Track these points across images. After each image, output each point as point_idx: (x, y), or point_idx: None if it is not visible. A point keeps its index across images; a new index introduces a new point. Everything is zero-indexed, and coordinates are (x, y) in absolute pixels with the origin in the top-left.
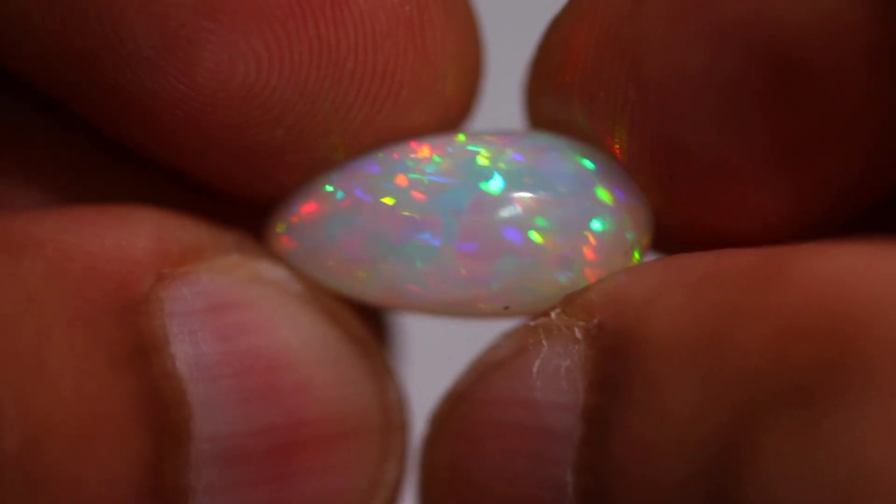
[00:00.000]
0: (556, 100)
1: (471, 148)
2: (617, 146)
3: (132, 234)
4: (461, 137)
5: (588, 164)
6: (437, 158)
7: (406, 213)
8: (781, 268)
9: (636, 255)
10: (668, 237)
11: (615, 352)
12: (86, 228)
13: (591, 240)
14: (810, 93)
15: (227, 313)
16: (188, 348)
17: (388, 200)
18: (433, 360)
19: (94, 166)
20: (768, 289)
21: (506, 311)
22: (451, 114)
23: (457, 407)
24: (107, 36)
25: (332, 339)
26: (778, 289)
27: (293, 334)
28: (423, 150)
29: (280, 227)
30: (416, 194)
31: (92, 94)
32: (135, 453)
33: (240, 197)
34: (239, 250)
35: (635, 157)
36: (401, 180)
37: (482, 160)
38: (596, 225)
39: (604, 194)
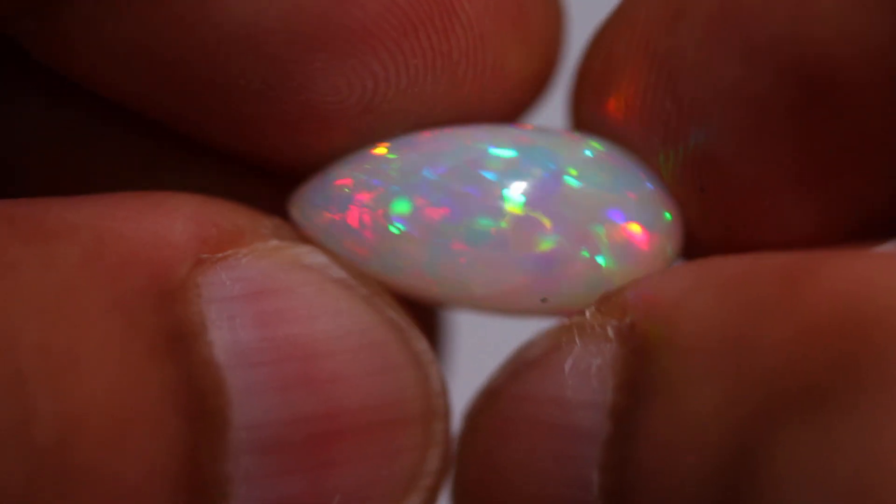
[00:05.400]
0: (595, 109)
1: (541, 138)
2: (652, 157)
3: (169, 219)
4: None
5: (635, 167)
6: (516, 141)
7: (475, 191)
8: (810, 271)
9: (671, 259)
10: (699, 247)
11: (644, 352)
12: (122, 213)
13: (640, 239)
14: (840, 112)
15: (266, 299)
16: (226, 335)
17: (459, 177)
18: (470, 357)
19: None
20: (795, 291)
21: (543, 305)
22: (540, 91)
23: (490, 403)
24: (215, 73)
25: (372, 326)
26: (804, 291)
27: (333, 321)
28: (497, 131)
29: (320, 198)
30: (490, 173)
31: (195, 118)
32: (172, 442)
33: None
34: (278, 236)
35: (668, 168)
36: (476, 156)
37: (553, 149)
38: (644, 226)
39: (652, 197)
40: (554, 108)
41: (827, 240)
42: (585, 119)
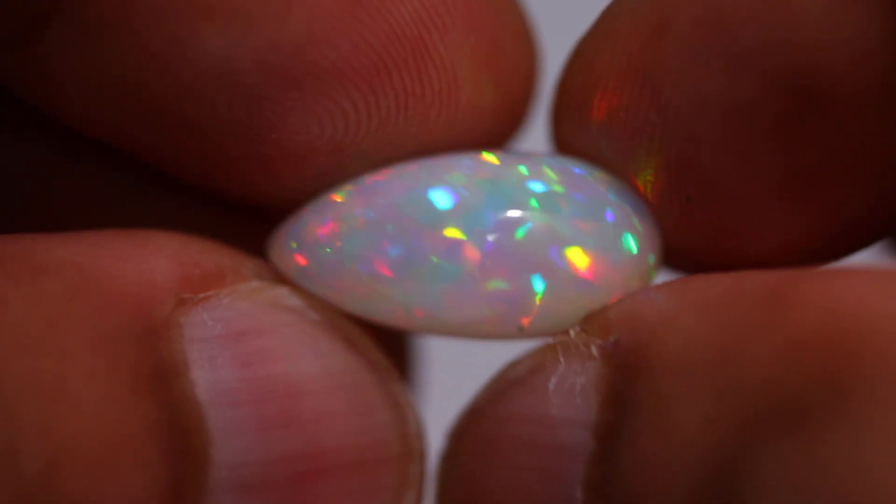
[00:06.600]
0: (578, 124)
1: (505, 166)
2: (636, 169)
3: (153, 258)
4: (490, 156)
5: (613, 187)
6: (469, 176)
7: (431, 231)
8: (795, 289)
9: (652, 277)
10: (683, 258)
11: (628, 369)
12: (107, 252)
13: (619, 263)
14: (826, 120)
15: (247, 339)
16: (207, 374)
17: (415, 217)
18: (452, 378)
19: (124, 192)
20: (780, 309)
21: (520, 333)
22: (515, 128)
23: (474, 422)
24: (189, 108)
25: (351, 367)
26: (789, 308)
27: (313, 362)
28: (454, 166)
29: (293, 244)
30: (444, 210)
31: (169, 153)
32: (154, 479)
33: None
34: (259, 276)
35: (653, 179)
36: (430, 195)
37: (516, 179)
38: (624, 249)
39: (632, 219)
40: (535, 124)
41: (811, 247)
42: (568, 135)
